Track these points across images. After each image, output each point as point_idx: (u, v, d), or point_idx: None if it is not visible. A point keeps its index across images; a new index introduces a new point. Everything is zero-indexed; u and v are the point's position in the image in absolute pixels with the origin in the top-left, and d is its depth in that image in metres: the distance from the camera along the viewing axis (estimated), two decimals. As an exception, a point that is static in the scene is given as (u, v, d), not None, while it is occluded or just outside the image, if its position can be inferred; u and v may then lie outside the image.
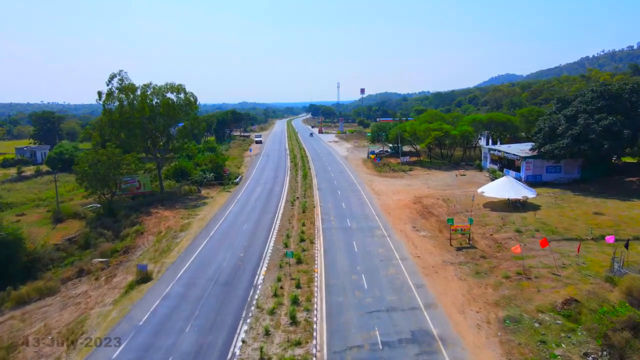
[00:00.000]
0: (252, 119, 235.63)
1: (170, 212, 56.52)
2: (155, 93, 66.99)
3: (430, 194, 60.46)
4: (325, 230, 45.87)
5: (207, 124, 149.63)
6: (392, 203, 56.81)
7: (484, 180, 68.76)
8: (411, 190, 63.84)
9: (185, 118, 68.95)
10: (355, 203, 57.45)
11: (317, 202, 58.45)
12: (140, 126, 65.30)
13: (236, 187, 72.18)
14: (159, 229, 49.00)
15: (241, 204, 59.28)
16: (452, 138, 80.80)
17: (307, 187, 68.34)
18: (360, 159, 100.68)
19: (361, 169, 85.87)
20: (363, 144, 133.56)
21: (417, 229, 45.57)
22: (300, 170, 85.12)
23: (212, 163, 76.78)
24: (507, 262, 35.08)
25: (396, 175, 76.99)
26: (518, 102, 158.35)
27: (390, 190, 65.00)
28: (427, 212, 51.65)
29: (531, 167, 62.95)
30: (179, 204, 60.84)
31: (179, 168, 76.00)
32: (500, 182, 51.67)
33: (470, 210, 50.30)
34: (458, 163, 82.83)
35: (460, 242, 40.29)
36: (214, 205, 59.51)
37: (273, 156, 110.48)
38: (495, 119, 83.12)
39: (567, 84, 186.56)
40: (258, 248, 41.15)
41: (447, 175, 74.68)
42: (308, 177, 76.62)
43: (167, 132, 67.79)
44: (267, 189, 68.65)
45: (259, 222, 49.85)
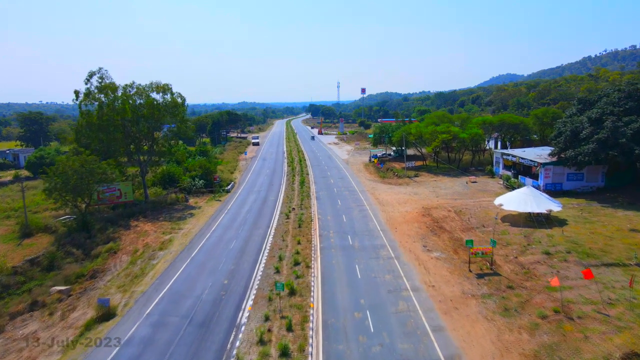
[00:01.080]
0: (250, 119, 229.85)
1: (152, 225, 50.85)
2: (138, 93, 61.36)
3: (439, 205, 54.74)
4: (324, 250, 40.14)
5: (202, 125, 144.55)
6: (399, 215, 51.10)
7: (497, 188, 63.08)
8: (418, 200, 58.12)
9: (172, 120, 63.21)
10: (357, 215, 51.74)
11: (315, 214, 52.73)
12: (122, 129, 59.65)
13: (227, 195, 66.47)
14: (136, 247, 43.28)
15: (231, 216, 53.57)
16: (460, 141, 75.07)
17: (304, 195, 62.61)
18: (362, 162, 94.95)
19: (363, 175, 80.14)
20: (364, 146, 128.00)
21: (428, 248, 39.83)
22: (297, 175, 79.40)
23: (203, 168, 71.07)
24: (540, 294, 29.37)
25: (401, 182, 71.26)
26: (525, 103, 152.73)
27: (395, 199, 59.28)
28: (438, 227, 45.94)
29: (550, 175, 57.22)
30: (163, 215, 55.19)
31: (167, 174, 70.34)
32: (520, 193, 45.91)
33: (487, 225, 44.58)
34: (467, 168, 77.11)
35: (480, 267, 34.58)
36: (201, 217, 53.80)
37: (270, 160, 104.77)
38: (507, 120, 77.41)
39: (574, 84, 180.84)
40: (245, 273, 35.44)
41: (456, 181, 68.94)
42: (306, 184, 70.91)
43: (152, 136, 62.06)
44: (261, 198, 62.93)
45: (248, 239, 44.13)
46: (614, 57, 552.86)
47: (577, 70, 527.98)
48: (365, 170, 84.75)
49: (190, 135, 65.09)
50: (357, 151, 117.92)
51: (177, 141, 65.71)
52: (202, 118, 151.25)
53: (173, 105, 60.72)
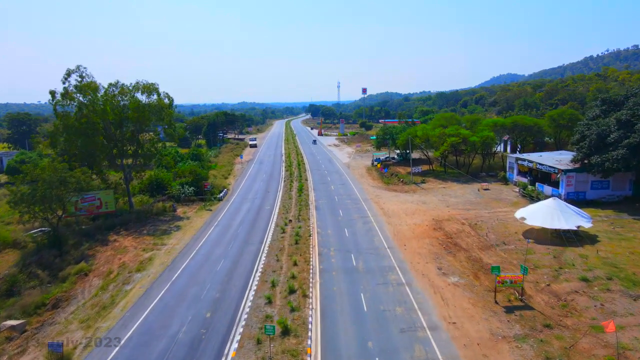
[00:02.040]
0: (248, 120, 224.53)
1: (133, 240, 45.69)
2: (123, 93, 56.22)
3: (451, 216, 49.59)
4: (324, 273, 34.97)
5: (198, 126, 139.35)
6: (407, 229, 45.91)
7: (512, 196, 57.92)
8: (427, 210, 52.94)
9: (159, 123, 58.03)
10: (361, 229, 46.56)
11: (314, 227, 47.56)
12: (104, 133, 54.53)
13: (219, 203, 61.28)
14: (110, 268, 38.14)
15: (221, 230, 48.40)
16: (471, 145, 69.89)
17: (302, 205, 57.42)
18: (364, 166, 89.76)
19: (366, 180, 74.95)
20: (366, 149, 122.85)
21: (444, 271, 34.64)
22: (295, 181, 74.21)
23: (193, 174, 65.86)
24: (586, 337, 24.22)
25: (407, 189, 66.06)
26: (532, 103, 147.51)
27: (402, 209, 54.10)
28: (452, 243, 40.77)
29: (573, 183, 52.05)
30: (147, 228, 50.06)
31: (155, 180, 65.18)
32: (544, 205, 40.73)
33: (509, 243, 39.44)
34: (477, 174, 71.92)
35: (508, 297, 29.41)
36: (187, 230, 48.64)
37: (267, 163, 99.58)
38: (520, 122, 72.20)
39: (581, 84, 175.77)
40: (232, 303, 30.28)
41: (466, 189, 63.73)
42: (304, 191, 65.72)
43: (137, 140, 56.87)
44: (255, 207, 57.75)
45: (238, 258, 38.96)
46: (616, 57, 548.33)
47: (578, 70, 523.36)
48: (368, 175, 79.56)
49: (177, 139, 59.90)
50: (359, 154, 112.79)
51: (164, 145, 60.44)
52: (198, 119, 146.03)
53: (159, 106, 55.51)
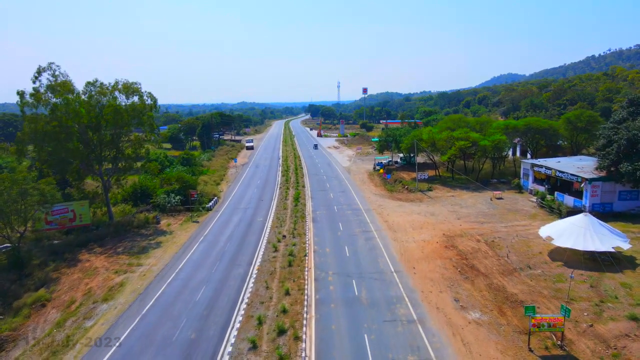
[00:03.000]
0: (245, 120, 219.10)
1: (106, 259, 40.49)
2: (101, 94, 51.03)
3: (464, 231, 44.36)
4: (321, 305, 29.72)
5: (192, 127, 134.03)
6: (415, 247, 40.66)
7: (529, 207, 52.69)
8: (436, 224, 47.70)
9: (139, 126, 52.79)
10: (363, 247, 41.29)
11: (310, 244, 42.29)
12: (79, 137, 49.31)
13: (208, 214, 56.03)
14: (73, 297, 32.91)
15: (206, 246, 43.16)
16: (481, 149, 64.64)
17: (298, 216, 52.18)
18: (366, 171, 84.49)
19: (367, 187, 69.67)
20: (367, 151, 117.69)
21: (462, 304, 29.39)
22: (292, 188, 68.98)
23: (180, 182, 60.59)
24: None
25: (412, 198, 60.79)
26: (539, 103, 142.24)
27: (408, 222, 48.86)
28: (468, 266, 35.53)
29: (599, 193, 46.82)
30: (124, 244, 44.89)
31: (139, 188, 59.97)
32: (574, 223, 35.48)
33: (535, 266, 34.20)
34: (488, 180, 66.64)
35: (545, 344, 24.16)
36: (169, 248, 43.40)
37: (263, 167, 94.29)
38: (534, 125, 66.97)
39: (589, 83, 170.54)
40: (209, 349, 25.05)
41: (478, 197, 58.49)
42: (301, 200, 60.47)
43: (116, 145, 51.63)
44: (247, 219, 52.51)
45: (222, 285, 33.73)
46: (618, 57, 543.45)
47: (580, 70, 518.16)
48: (370, 182, 74.29)
49: (160, 143, 54.65)
50: (359, 157, 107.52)
51: (147, 150, 55.12)
52: (192, 120, 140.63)
53: (138, 109, 50.27)
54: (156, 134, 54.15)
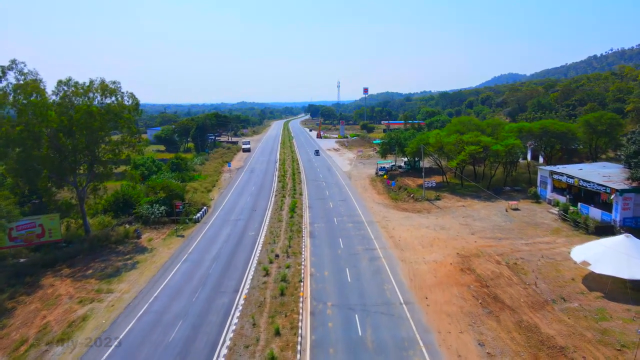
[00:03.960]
0: (243, 121, 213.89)
1: (73, 283, 35.43)
2: (75, 94, 45.98)
3: (480, 249, 39.29)
4: (317, 351, 24.61)
5: (187, 129, 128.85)
6: (426, 270, 35.56)
7: (550, 219, 47.61)
8: (448, 240, 42.61)
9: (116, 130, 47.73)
10: (367, 269, 36.16)
11: (307, 265, 37.19)
12: (49, 143, 44.25)
13: (195, 227, 50.93)
14: (24, 335, 27.79)
15: (189, 268, 38.06)
16: (493, 154, 59.54)
17: (294, 230, 47.07)
18: (367, 176, 79.38)
19: (370, 195, 64.55)
20: (368, 154, 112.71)
21: (489, 350, 24.26)
22: (288, 196, 63.86)
23: (167, 190, 55.45)
24: None
25: (419, 208, 55.69)
26: (546, 104, 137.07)
27: (416, 238, 43.77)
28: (490, 295, 30.44)
29: (631, 206, 41.71)
30: (97, 264, 39.83)
31: (121, 197, 54.89)
32: (614, 245, 30.41)
33: (570, 298, 29.09)
34: (500, 188, 61.49)
35: (600, 413, 19.06)
36: (147, 269, 38.31)
37: (258, 171, 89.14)
38: (551, 128, 61.84)
39: (597, 83, 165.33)
40: (176, 415, 19.93)
41: (491, 208, 53.40)
42: (297, 210, 55.38)
43: (92, 151, 46.51)
44: (237, 234, 47.43)
45: (202, 321, 28.60)
46: (620, 56, 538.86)
47: (582, 70, 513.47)
48: (372, 189, 69.16)
49: (141, 149, 49.53)
50: (360, 160, 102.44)
51: (128, 156, 49.91)
52: (187, 121, 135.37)
53: (113, 111, 45.18)
54: (137, 137, 48.90)
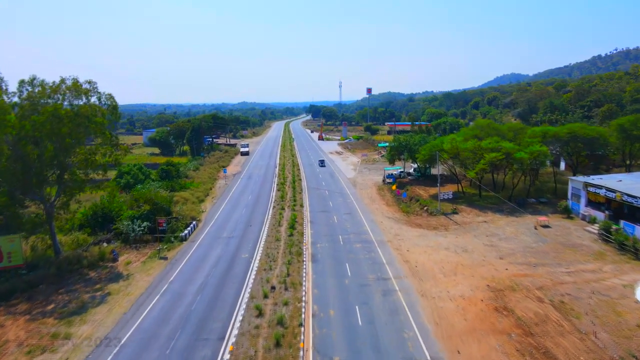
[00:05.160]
0: (243, 122, 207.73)
1: (27, 324, 29.36)
2: (42, 96, 39.92)
3: (514, 279, 33.10)
4: None
5: (182, 131, 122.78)
6: (454, 309, 29.33)
7: (588, 239, 41.38)
8: (474, 266, 36.41)
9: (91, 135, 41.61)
10: (381, 309, 29.90)
11: (308, 302, 30.98)
12: (10, 153, 38.16)
13: (181, 246, 44.80)
14: (-54, 406, 21.66)
15: (167, 303, 31.90)
16: (517, 163, 53.29)
17: (293, 253, 40.86)
18: (374, 184, 73.17)
19: (378, 207, 58.32)
20: (373, 157, 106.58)
21: None
22: (288, 208, 57.69)
23: (151, 203, 49.33)
24: None
25: (435, 223, 49.47)
26: (559, 105, 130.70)
27: (436, 263, 37.56)
28: (538, 349, 24.21)
29: (690, 228, 35.46)
30: (61, 296, 33.84)
31: (100, 211, 48.86)
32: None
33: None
34: (524, 200, 55.21)
35: None
36: (117, 304, 32.18)
37: (256, 178, 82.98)
38: (580, 133, 55.60)
39: (610, 83, 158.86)
40: None
41: (517, 224, 47.19)
42: (298, 226, 49.20)
43: (60, 162, 40.36)
44: (229, 256, 41.27)
45: (174, 386, 22.45)
46: (625, 56, 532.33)
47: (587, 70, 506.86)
48: (380, 199, 62.92)
49: (118, 158, 43.40)
50: (365, 165, 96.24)
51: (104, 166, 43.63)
52: (183, 123, 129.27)
53: (85, 113, 39.06)
54: (113, 146, 42.70)
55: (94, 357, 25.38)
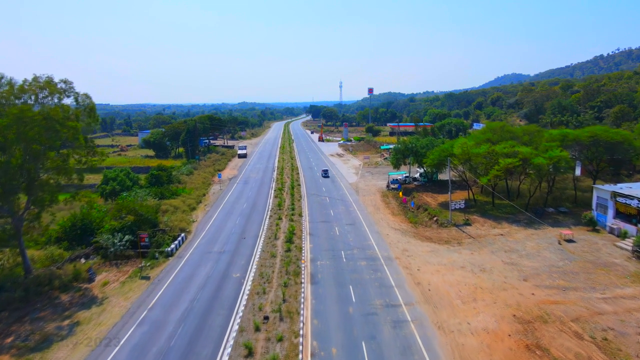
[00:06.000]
0: (241, 123, 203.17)
1: (-23, 364, 24.97)
2: (9, 96, 35.65)
3: (543, 308, 28.74)
4: None
5: (177, 133, 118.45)
6: (477, 347, 24.95)
7: (620, 257, 37.01)
8: (495, 290, 32.04)
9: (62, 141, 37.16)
10: (392, 346, 25.53)
11: (307, 336, 26.60)
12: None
13: (167, 263, 40.43)
14: None
15: (144, 336, 27.53)
16: (535, 169, 48.93)
17: (290, 272, 36.47)
18: (377, 190, 68.80)
19: (383, 217, 53.95)
20: (375, 160, 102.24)
21: None
22: (285, 218, 53.34)
23: (135, 214, 44.97)
24: None
25: (446, 236, 45.12)
26: (568, 106, 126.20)
27: (451, 285, 33.19)
28: (587, 405, 19.79)
29: None
30: (24, 325, 29.55)
31: (79, 222, 44.56)
32: None
33: None
34: (542, 209, 50.87)
35: None
36: (86, 337, 27.81)
37: (253, 183, 78.58)
38: (603, 137, 51.24)
39: (619, 83, 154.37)
40: None
41: (538, 238, 42.82)
42: (296, 240, 44.82)
43: (28, 170, 35.97)
44: (218, 275, 36.92)
45: None
46: (628, 56, 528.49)
47: (589, 70, 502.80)
48: (385, 207, 58.52)
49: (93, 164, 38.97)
50: (368, 169, 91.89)
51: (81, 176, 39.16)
52: (178, 124, 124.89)
53: (54, 115, 34.67)
54: (88, 151, 38.30)
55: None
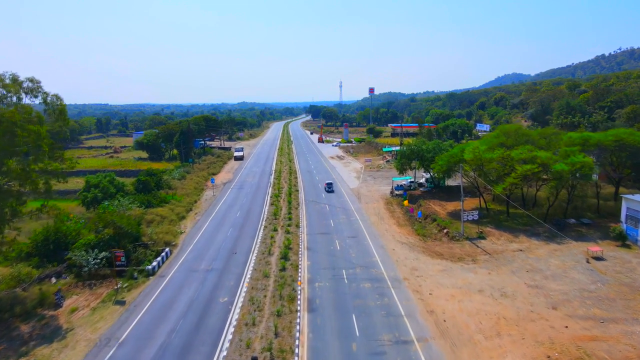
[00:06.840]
0: (239, 123, 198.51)
1: None
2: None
3: (581, 345, 24.36)
4: None
5: (171, 134, 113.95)
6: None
7: (661, 280, 32.48)
8: (522, 321, 27.61)
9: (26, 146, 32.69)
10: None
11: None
12: None
13: (146, 284, 35.96)
14: None
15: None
16: (556, 176, 44.48)
17: (285, 296, 32.02)
18: (381, 197, 64.30)
19: (388, 228, 49.47)
20: (377, 163, 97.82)
21: None
22: (281, 230, 48.87)
23: (113, 227, 40.46)
24: None
25: (459, 252, 40.64)
26: (577, 106, 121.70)
27: (470, 315, 28.75)
28: None
29: None
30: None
31: (52, 235, 40.12)
32: None
33: None
34: (563, 221, 46.42)
35: None
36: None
37: (249, 188, 74.10)
38: (629, 141, 46.84)
39: (628, 83, 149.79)
40: None
41: (562, 255, 38.38)
42: (292, 256, 40.34)
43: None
44: (204, 298, 32.48)
45: None
46: (630, 56, 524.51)
47: (590, 70, 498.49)
48: (390, 217, 54.05)
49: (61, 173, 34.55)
50: (369, 172, 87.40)
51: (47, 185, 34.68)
52: (172, 125, 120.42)
53: (10, 118, 30.23)
54: (58, 158, 33.89)
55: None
